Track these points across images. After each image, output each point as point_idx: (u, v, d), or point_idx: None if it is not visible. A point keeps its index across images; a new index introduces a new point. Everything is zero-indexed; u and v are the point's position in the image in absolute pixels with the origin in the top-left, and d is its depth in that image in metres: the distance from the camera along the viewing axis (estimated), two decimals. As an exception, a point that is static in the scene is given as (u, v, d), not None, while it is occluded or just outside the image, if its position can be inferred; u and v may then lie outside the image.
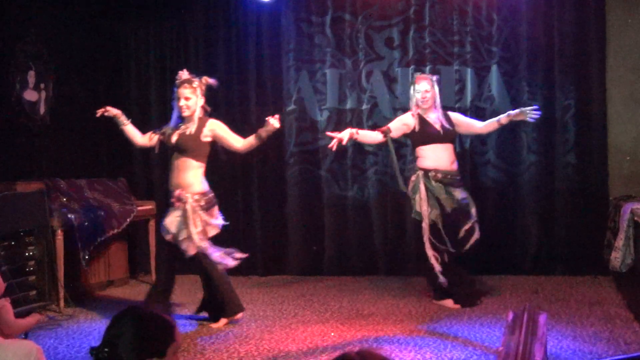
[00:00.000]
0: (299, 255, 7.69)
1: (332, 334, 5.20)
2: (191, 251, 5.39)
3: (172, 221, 5.40)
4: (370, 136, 6.15)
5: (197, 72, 7.81)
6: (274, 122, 5.31)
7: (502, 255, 7.12)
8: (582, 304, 5.89)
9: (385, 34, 7.50)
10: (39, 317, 3.79)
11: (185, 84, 5.41)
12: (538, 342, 3.12)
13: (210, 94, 7.82)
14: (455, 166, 5.98)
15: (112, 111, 5.58)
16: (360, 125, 7.51)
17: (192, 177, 5.40)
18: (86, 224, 6.34)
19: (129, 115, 5.80)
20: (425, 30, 7.35)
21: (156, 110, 8.05)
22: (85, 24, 7.67)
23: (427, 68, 7.30)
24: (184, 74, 5.48)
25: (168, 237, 5.43)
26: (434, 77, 6.08)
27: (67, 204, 6.44)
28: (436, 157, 5.93)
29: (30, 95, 6.86)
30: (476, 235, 6.00)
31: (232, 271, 7.67)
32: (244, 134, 7.74)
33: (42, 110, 7.00)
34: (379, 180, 7.50)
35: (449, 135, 6.00)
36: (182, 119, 5.47)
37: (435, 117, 5.99)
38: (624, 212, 5.95)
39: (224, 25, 7.86)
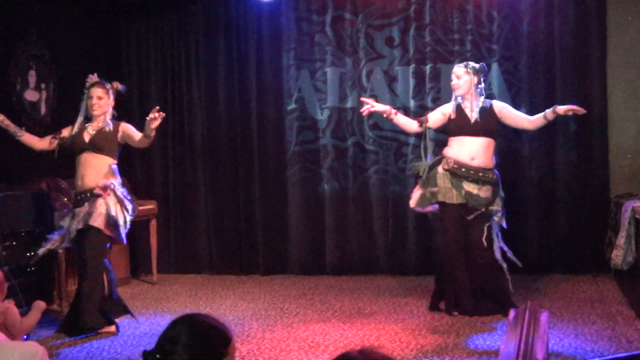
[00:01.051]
0: (300, 254, 7.69)
1: (334, 333, 5.19)
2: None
3: (108, 208, 5.29)
4: (407, 123, 5.88)
5: (198, 70, 7.91)
6: (153, 124, 5.23)
7: (503, 254, 7.11)
8: (583, 302, 5.89)
9: (386, 33, 7.49)
10: (42, 304, 3.78)
11: (98, 85, 5.51)
12: (540, 340, 3.12)
13: (211, 93, 7.88)
14: (477, 162, 5.56)
15: (5, 122, 5.50)
16: (361, 124, 7.52)
17: (110, 171, 5.44)
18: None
19: (130, 114, 5.81)
20: (425, 28, 7.34)
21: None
22: (86, 24, 7.67)
23: (428, 67, 7.30)
24: (94, 77, 5.58)
25: (97, 223, 5.24)
26: (475, 65, 5.68)
27: (68, 204, 6.43)
28: (459, 148, 5.61)
29: (31, 95, 6.86)
30: (496, 253, 5.61)
31: (234, 270, 7.75)
32: (244, 132, 7.78)
33: (43, 110, 7.00)
34: (380, 179, 7.50)
35: (482, 127, 5.59)
36: (88, 119, 5.53)
37: (472, 107, 5.64)
38: (625, 210, 5.94)
39: (224, 24, 7.86)
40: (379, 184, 7.52)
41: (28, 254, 5.94)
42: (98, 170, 5.39)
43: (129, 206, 5.47)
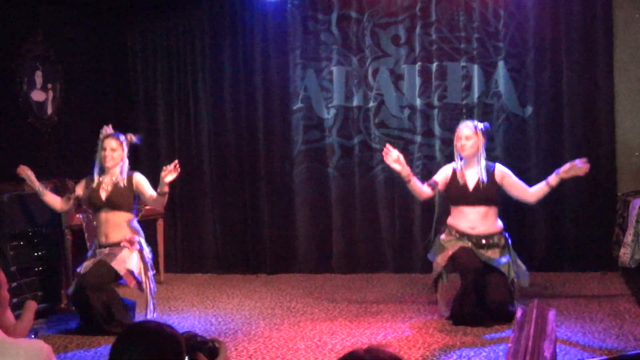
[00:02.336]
0: (307, 253, 7.69)
1: (341, 331, 5.19)
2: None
3: (131, 261, 5.34)
4: (420, 187, 5.44)
5: (203, 70, 7.91)
6: (167, 177, 5.23)
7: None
8: (591, 300, 5.87)
9: (392, 31, 7.49)
10: (34, 304, 3.78)
11: (111, 137, 5.48)
12: (547, 338, 3.11)
13: (217, 93, 7.89)
14: (478, 231, 5.31)
15: (32, 178, 5.51)
16: (367, 123, 7.52)
17: (134, 227, 5.49)
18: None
19: (136, 114, 5.81)
20: (431, 27, 7.33)
21: (162, 109, 8.07)
22: (91, 24, 7.69)
23: (434, 65, 7.29)
24: (109, 129, 5.54)
25: (117, 267, 5.26)
26: (482, 125, 5.43)
27: (76, 205, 6.45)
28: (459, 218, 5.38)
29: (37, 95, 6.88)
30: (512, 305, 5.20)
31: (240, 269, 7.76)
32: (250, 131, 7.78)
33: (49, 110, 7.02)
34: (386, 178, 7.49)
35: (481, 196, 5.32)
36: (103, 170, 5.50)
37: (475, 172, 5.38)
38: (633, 208, 5.92)
39: (230, 24, 7.87)
40: (386, 182, 7.51)
41: (36, 254, 5.95)
42: (120, 227, 5.42)
43: (151, 268, 5.49)
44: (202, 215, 7.96)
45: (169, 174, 5.20)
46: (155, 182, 7.93)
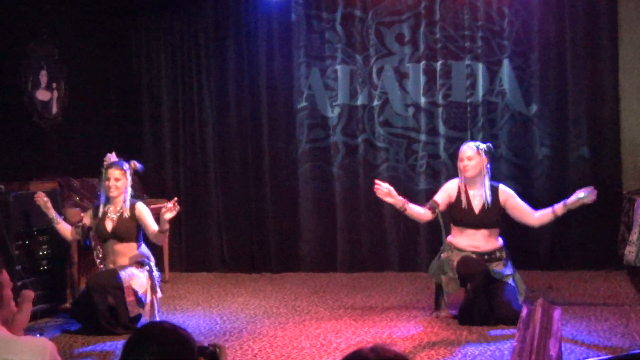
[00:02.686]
0: (311, 251, 7.69)
1: (346, 330, 5.19)
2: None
3: (138, 282, 5.36)
4: (419, 212, 5.40)
5: (208, 69, 7.92)
6: (167, 214, 5.18)
7: (516, 250, 7.07)
8: (596, 298, 5.86)
9: (396, 30, 7.48)
10: (30, 293, 3.79)
11: (115, 167, 5.47)
12: (553, 337, 3.11)
13: (221, 92, 7.89)
14: (480, 250, 5.31)
15: (48, 206, 5.54)
16: (371, 121, 7.51)
17: (139, 254, 5.50)
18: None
19: (141, 114, 5.81)
20: (436, 25, 7.32)
21: (167, 108, 8.07)
22: (96, 24, 7.70)
23: (439, 63, 7.29)
24: (112, 157, 5.54)
25: (124, 281, 5.28)
26: (484, 146, 5.39)
27: (80, 202, 6.47)
28: (461, 238, 5.37)
29: (42, 95, 6.89)
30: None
31: (245, 268, 7.76)
32: (254, 130, 7.78)
33: (54, 109, 7.03)
34: (391, 176, 7.48)
35: (485, 220, 5.32)
36: (108, 200, 5.51)
37: (478, 194, 5.36)
38: (638, 206, 5.90)
39: (235, 22, 7.87)
40: (390, 181, 7.47)
41: (41, 253, 5.96)
42: (127, 255, 5.46)
43: (159, 290, 5.52)
44: (207, 214, 7.96)
45: (169, 211, 5.17)
46: (160, 181, 8.00)
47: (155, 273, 5.55)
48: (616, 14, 7.02)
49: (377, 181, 5.41)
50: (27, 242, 5.84)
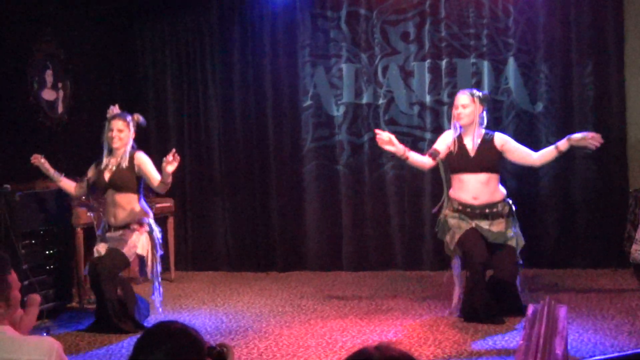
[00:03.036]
0: (317, 250, 7.69)
1: (351, 329, 5.19)
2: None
3: (140, 245, 5.41)
4: (420, 160, 5.45)
5: (213, 68, 7.93)
6: (168, 167, 5.16)
7: (521, 249, 7.08)
8: (602, 296, 5.85)
9: (401, 28, 7.47)
10: (37, 298, 3.80)
11: (118, 118, 5.47)
12: (558, 335, 3.10)
13: (226, 91, 7.90)
14: (480, 201, 5.26)
15: (46, 165, 5.62)
16: (377, 120, 7.51)
17: (139, 207, 5.49)
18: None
19: (146, 112, 5.81)
20: (441, 23, 7.31)
21: (172, 107, 8.08)
22: (101, 24, 7.70)
23: (444, 62, 7.27)
24: (115, 109, 5.55)
25: (127, 253, 5.35)
26: (480, 93, 5.39)
27: (86, 202, 6.48)
28: (460, 187, 5.33)
29: (48, 94, 6.91)
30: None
31: (251, 267, 7.76)
32: (260, 129, 7.79)
33: (60, 109, 7.04)
34: (396, 175, 7.48)
35: (482, 163, 5.27)
36: (110, 151, 5.52)
37: (472, 140, 5.33)
38: (644, 204, 5.89)
39: (240, 21, 7.87)
40: (395, 179, 7.50)
41: (47, 253, 5.98)
42: (127, 207, 5.44)
43: (159, 249, 5.56)
44: (213, 213, 7.97)
45: (170, 164, 5.15)
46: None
47: (155, 229, 5.53)
48: (622, 11, 6.99)
49: (376, 130, 5.47)
50: (33, 241, 5.85)
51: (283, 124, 7.76)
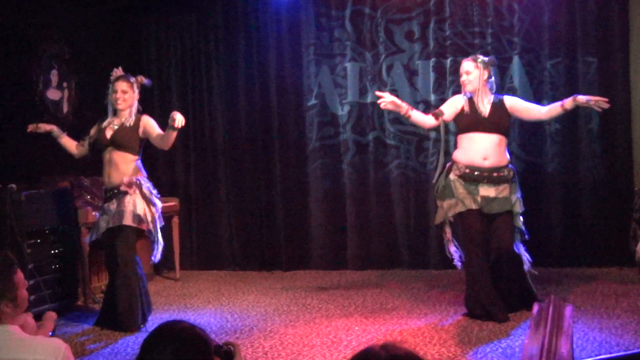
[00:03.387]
0: (322, 249, 7.69)
1: (356, 327, 5.20)
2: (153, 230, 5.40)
3: (135, 206, 5.34)
4: (422, 118, 5.49)
5: (218, 67, 7.93)
6: (176, 118, 5.10)
7: (527, 247, 7.07)
8: (608, 295, 5.84)
9: (406, 27, 7.47)
10: (53, 315, 3.82)
11: (122, 79, 5.49)
12: (564, 334, 3.10)
13: (231, 90, 7.91)
14: (490, 162, 5.27)
15: (45, 127, 5.67)
16: (381, 119, 7.51)
17: (134, 167, 5.43)
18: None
19: (151, 112, 5.82)
20: (445, 22, 7.31)
21: (177, 107, 8.08)
22: (106, 23, 7.71)
23: (448, 60, 7.27)
24: (119, 71, 5.56)
25: (129, 222, 5.29)
26: (485, 58, 5.40)
27: (91, 201, 6.49)
28: (470, 147, 5.32)
29: (53, 94, 6.92)
30: (526, 264, 5.38)
31: (256, 266, 7.77)
32: (264, 128, 7.79)
33: (65, 108, 7.06)
34: (401, 174, 7.48)
35: (494, 123, 5.29)
36: (115, 113, 5.52)
37: (484, 102, 5.36)
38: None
39: (244, 20, 7.88)
40: (400, 178, 7.50)
41: (52, 252, 5.99)
42: (122, 167, 5.39)
43: (157, 202, 5.49)
44: (218, 212, 7.98)
45: (174, 123, 5.08)
46: (171, 179, 8.02)
47: (145, 184, 5.42)
48: (627, 10, 6.98)
49: (377, 93, 5.55)
50: (38, 240, 5.87)
51: (288, 123, 7.76)
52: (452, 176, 5.35)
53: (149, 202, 5.41)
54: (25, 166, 6.42)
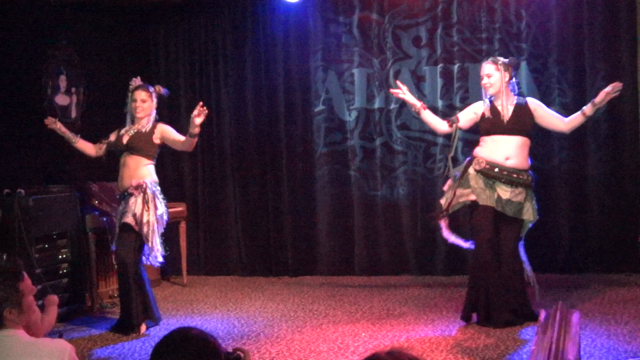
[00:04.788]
0: (329, 255, 7.69)
1: (363, 334, 5.20)
2: (150, 237, 5.46)
3: (135, 206, 5.45)
4: (436, 122, 5.57)
5: (226, 73, 7.95)
6: (197, 119, 5.28)
7: (534, 253, 7.02)
8: (616, 301, 5.82)
9: (413, 33, 7.47)
10: (55, 298, 3.84)
11: (141, 89, 5.68)
12: (571, 341, 3.09)
13: (239, 96, 7.92)
14: (512, 163, 5.25)
15: (61, 128, 5.81)
16: (389, 125, 7.51)
17: (145, 170, 5.57)
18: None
19: (159, 118, 5.86)
20: (453, 28, 7.31)
21: (185, 113, 8.10)
22: (114, 29, 7.74)
23: (456, 66, 7.27)
24: (137, 81, 5.74)
25: (129, 220, 5.41)
26: (505, 60, 5.39)
27: (99, 206, 6.51)
28: (492, 147, 5.29)
29: (61, 99, 6.95)
30: (528, 274, 5.40)
31: (263, 272, 7.78)
32: (272, 134, 7.80)
33: (73, 114, 7.08)
34: (408, 180, 7.48)
35: (517, 125, 5.28)
36: (133, 121, 5.69)
37: (505, 105, 5.33)
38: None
39: (252, 26, 7.90)
40: (408, 184, 7.50)
41: (60, 257, 6.01)
42: (134, 170, 5.53)
43: (160, 206, 5.54)
44: (225, 218, 7.99)
45: (197, 116, 5.26)
46: (178, 185, 8.03)
47: (152, 189, 5.49)
48: (635, 16, 6.96)
49: (398, 82, 5.65)
50: (46, 245, 5.89)
51: (295, 129, 7.77)
52: (471, 170, 5.32)
53: (149, 205, 5.46)
54: (33, 171, 6.44)
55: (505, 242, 5.32)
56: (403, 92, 5.51)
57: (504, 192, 5.24)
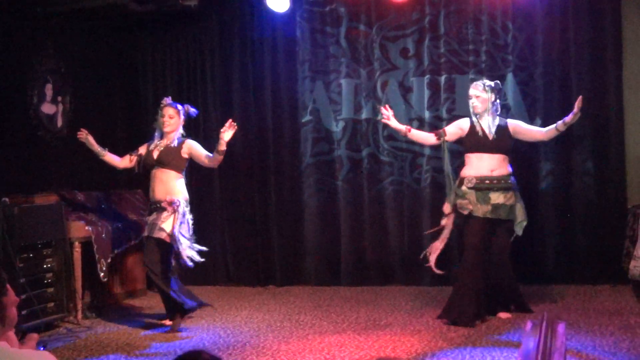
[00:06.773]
0: (315, 265, 7.68)
1: (350, 344, 5.18)
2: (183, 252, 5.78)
3: (166, 222, 5.76)
4: (424, 137, 6.13)
5: (213, 83, 7.95)
6: (225, 134, 5.71)
7: (520, 264, 7.07)
8: (601, 313, 5.84)
9: (400, 44, 7.50)
10: (35, 336, 3.80)
11: (170, 106, 6.01)
12: (557, 352, 3.10)
13: (226, 106, 7.91)
14: (498, 173, 5.77)
15: (91, 142, 6.07)
16: (375, 135, 7.52)
17: (178, 185, 5.92)
18: (103, 235, 6.38)
19: (146, 128, 5.91)
20: (440, 39, 7.34)
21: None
22: (102, 38, 7.72)
23: (443, 77, 7.30)
24: (168, 100, 6.06)
25: (158, 235, 5.72)
26: (491, 83, 5.87)
27: (85, 216, 6.48)
28: (478, 163, 5.79)
29: (47, 108, 6.92)
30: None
31: (250, 282, 7.75)
32: (259, 144, 7.80)
33: (59, 123, 7.05)
34: (395, 191, 7.49)
35: (500, 144, 5.79)
36: (161, 136, 6.01)
37: (489, 124, 5.81)
38: (643, 220, 5.90)
39: (240, 37, 7.89)
40: (394, 195, 7.51)
41: (45, 266, 5.97)
42: (166, 183, 5.86)
43: (188, 222, 5.90)
44: (212, 227, 7.96)
45: (226, 132, 5.67)
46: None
47: (183, 208, 5.82)
48: (620, 29, 7.02)
49: (383, 110, 6.04)
50: (31, 255, 5.85)
51: (282, 139, 7.77)
52: (464, 188, 5.78)
53: (179, 223, 5.76)
54: (18, 180, 6.40)
55: (502, 245, 5.86)
56: (388, 118, 5.96)
57: (497, 197, 5.73)
